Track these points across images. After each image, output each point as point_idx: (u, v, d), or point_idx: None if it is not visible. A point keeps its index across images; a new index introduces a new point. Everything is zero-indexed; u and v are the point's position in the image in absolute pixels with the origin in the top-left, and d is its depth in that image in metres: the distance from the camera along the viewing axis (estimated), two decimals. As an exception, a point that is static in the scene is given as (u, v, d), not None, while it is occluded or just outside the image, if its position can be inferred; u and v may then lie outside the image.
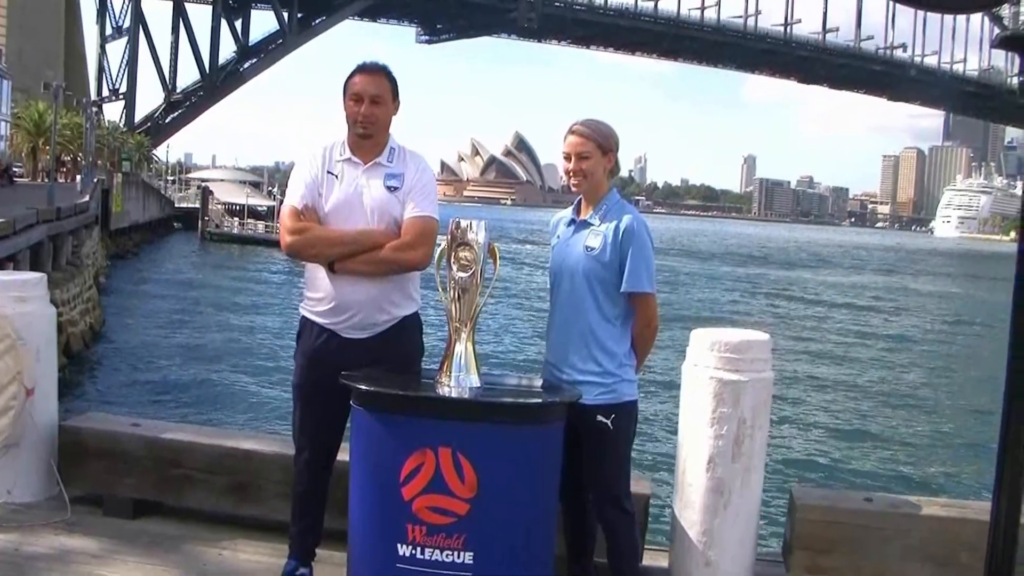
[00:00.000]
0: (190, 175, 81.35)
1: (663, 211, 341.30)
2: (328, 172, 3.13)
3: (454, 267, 2.86)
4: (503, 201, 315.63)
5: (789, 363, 22.10)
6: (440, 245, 2.94)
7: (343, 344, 3.09)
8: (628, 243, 3.00)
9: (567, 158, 3.13)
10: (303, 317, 3.21)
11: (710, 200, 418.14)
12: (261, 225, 56.33)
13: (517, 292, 33.31)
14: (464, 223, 2.86)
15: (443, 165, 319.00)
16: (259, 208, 60.73)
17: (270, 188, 75.68)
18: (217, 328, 24.40)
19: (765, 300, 39.06)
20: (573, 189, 3.16)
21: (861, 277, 59.12)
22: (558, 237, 3.24)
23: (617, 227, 3.02)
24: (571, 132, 3.12)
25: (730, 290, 42.67)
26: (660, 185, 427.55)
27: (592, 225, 3.09)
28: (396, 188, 3.09)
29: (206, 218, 57.52)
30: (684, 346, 3.35)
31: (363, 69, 3.12)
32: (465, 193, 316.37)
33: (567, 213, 3.25)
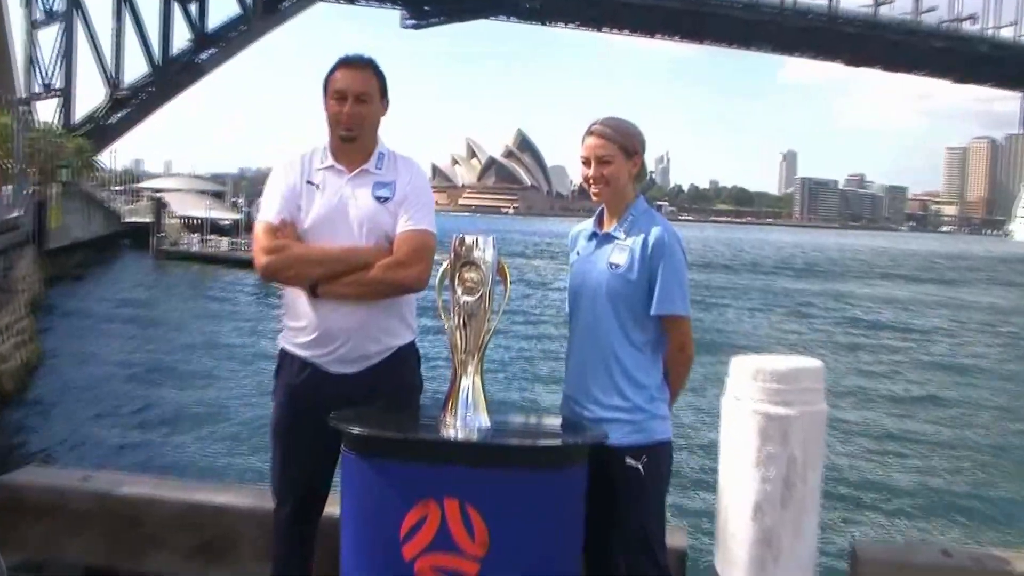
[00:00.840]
0: (141, 185, 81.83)
1: (690, 218, 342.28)
2: (308, 182, 3.18)
3: (458, 290, 2.90)
4: (505, 210, 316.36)
5: (843, 393, 22.05)
6: (442, 265, 2.98)
7: (329, 380, 3.12)
8: (658, 258, 3.04)
9: (586, 163, 3.17)
10: (282, 349, 3.25)
11: (744, 204, 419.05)
12: (225, 242, 56.53)
13: (528, 316, 33.32)
14: (469, 239, 2.90)
15: (435, 170, 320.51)
16: (222, 222, 60.97)
17: (235, 199, 76.15)
18: (177, 362, 24.44)
19: (811, 319, 39.02)
20: (594, 198, 3.20)
21: (923, 291, 59.06)
22: (578, 253, 3.27)
23: (645, 240, 3.06)
24: (590, 133, 3.16)
25: (771, 308, 42.62)
26: (685, 188, 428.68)
27: (616, 239, 3.13)
28: (387, 199, 3.14)
29: (160, 234, 57.70)
30: (722, 376, 3.38)
31: (346, 63, 3.18)
32: (461, 201, 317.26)
33: (587, 225, 3.29)
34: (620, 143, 3.13)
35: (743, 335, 32.13)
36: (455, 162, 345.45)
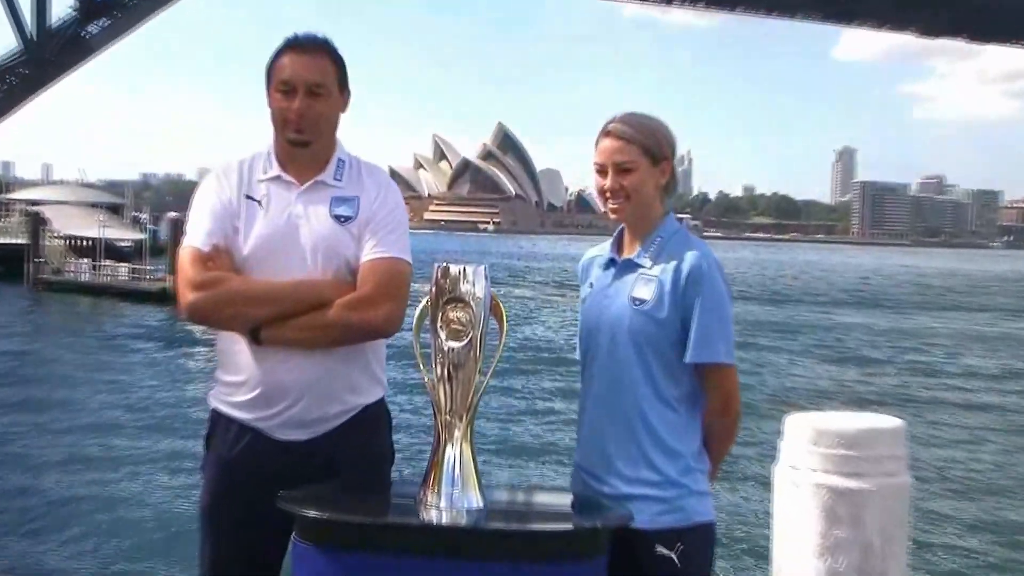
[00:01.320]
0: (12, 196, 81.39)
1: (718, 234, 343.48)
2: (247, 197, 3.23)
3: (442, 334, 2.93)
4: (483, 226, 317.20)
5: (929, 460, 22.00)
6: (420, 302, 3.01)
7: (276, 449, 3.15)
8: (695, 292, 3.09)
9: (601, 171, 3.22)
10: (214, 411, 3.28)
11: (787, 216, 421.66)
12: (125, 269, 56.33)
13: (524, 366, 33.22)
14: (455, 269, 2.94)
15: (392, 175, 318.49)
16: (121, 244, 60.89)
17: (137, 213, 75.92)
18: (67, 425, 24.18)
19: (878, 366, 39.03)
20: (611, 216, 3.25)
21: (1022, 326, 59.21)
22: (591, 285, 3.32)
23: (678, 269, 3.11)
24: (606, 134, 3.22)
25: (826, 350, 42.69)
26: (713, 196, 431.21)
27: (641, 267, 3.18)
28: (348, 218, 3.19)
29: (39, 259, 57.47)
30: (772, 438, 3.41)
31: (294, 46, 3.23)
32: (427, 215, 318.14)
33: (603, 250, 3.34)
34: (644, 146, 3.18)
35: (793, 385, 32.12)
36: (419, 165, 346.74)
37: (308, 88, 3.18)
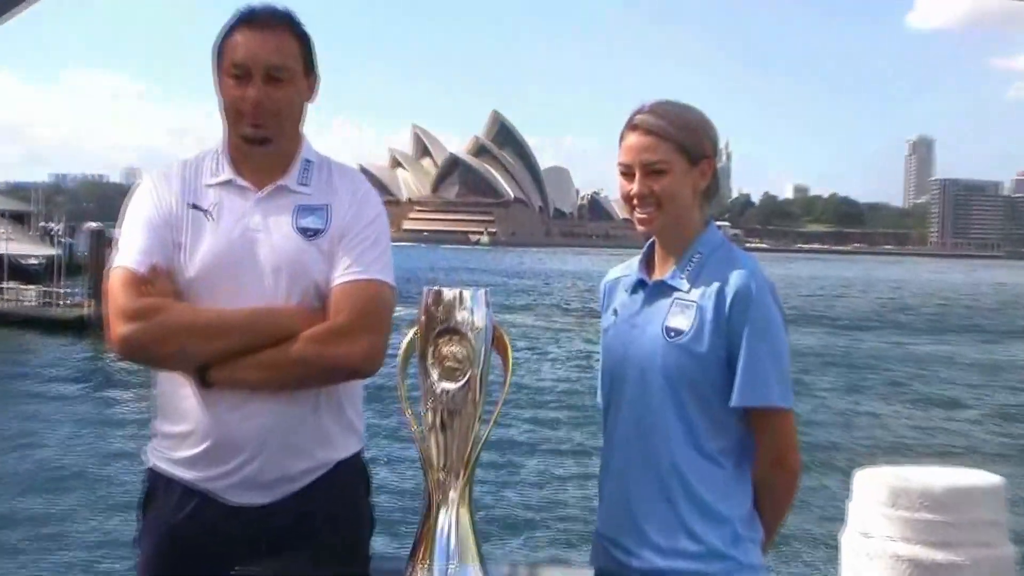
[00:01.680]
0: None
1: (764, 244, 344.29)
2: (192, 206, 3.23)
3: (434, 372, 2.94)
4: (475, 237, 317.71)
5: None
6: (407, 334, 3.02)
7: (228, 515, 3.15)
8: (742, 320, 3.10)
9: (626, 173, 3.23)
10: (151, 469, 3.28)
11: (850, 223, 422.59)
12: (33, 291, 56.40)
13: (532, 411, 33.12)
14: (449, 294, 2.95)
15: (365, 176, 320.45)
16: (28, 261, 60.89)
17: (48, 224, 75.89)
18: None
19: (967, 409, 38.95)
20: (640, 227, 3.25)
21: None
22: (615, 312, 3.33)
23: (721, 293, 3.12)
24: (632, 127, 3.23)
25: (901, 388, 42.64)
26: (756, 199, 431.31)
27: (677, 290, 3.19)
28: (317, 231, 3.20)
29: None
30: (839, 499, 3.42)
31: (249, 20, 3.23)
32: (407, 225, 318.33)
33: (629, 269, 3.35)
34: (680, 142, 3.18)
35: (861, 432, 32.04)
36: (396, 163, 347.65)
37: (267, 72, 3.18)
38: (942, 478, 3.40)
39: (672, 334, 3.13)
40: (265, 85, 3.17)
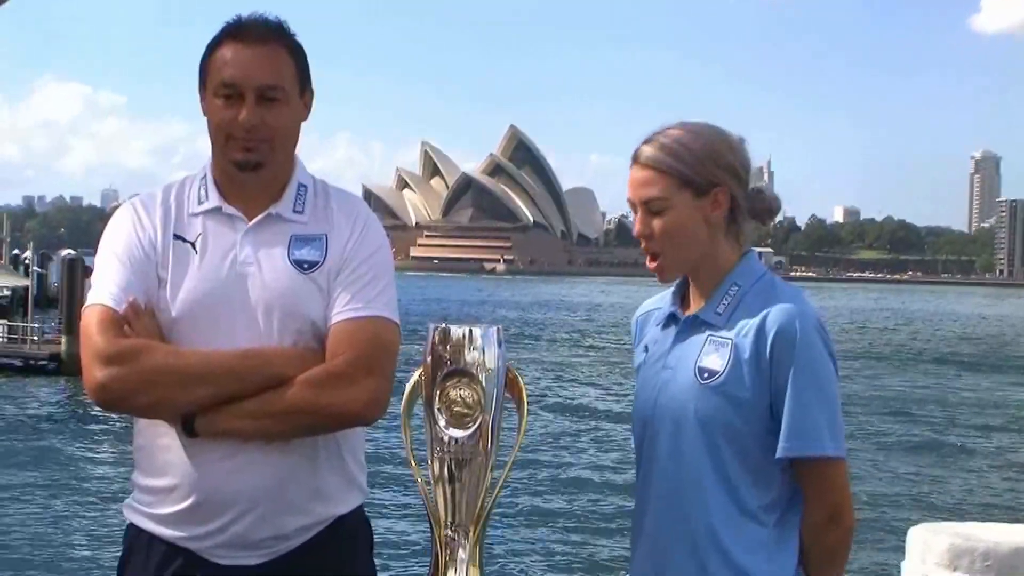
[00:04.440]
0: None
1: (811, 273, 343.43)
2: (176, 237, 3.25)
3: (441, 419, 2.95)
4: (490, 265, 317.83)
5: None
6: (412, 376, 3.02)
7: (216, 576, 3.16)
8: (787, 361, 3.09)
9: (633, 208, 3.25)
10: (131, 526, 3.29)
11: (907, 249, 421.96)
12: (0, 326, 56.45)
13: (552, 457, 33.03)
14: (457, 332, 2.96)
15: (368, 197, 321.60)
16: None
17: (18, 252, 76.02)
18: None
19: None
20: (651, 269, 3.26)
21: None
22: (646, 348, 3.34)
23: (761, 331, 3.12)
24: (634, 160, 3.25)
25: (968, 433, 42.47)
26: (802, 223, 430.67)
27: (711, 326, 3.19)
28: (313, 264, 3.22)
29: None
30: (893, 558, 3.42)
31: (238, 35, 3.25)
32: (415, 252, 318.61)
33: (662, 301, 3.37)
34: (681, 173, 3.19)
35: (915, 486, 31.90)
36: (403, 184, 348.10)
37: (259, 92, 3.19)
38: (1009, 536, 3.37)
39: (705, 375, 3.13)
40: (257, 106, 3.18)
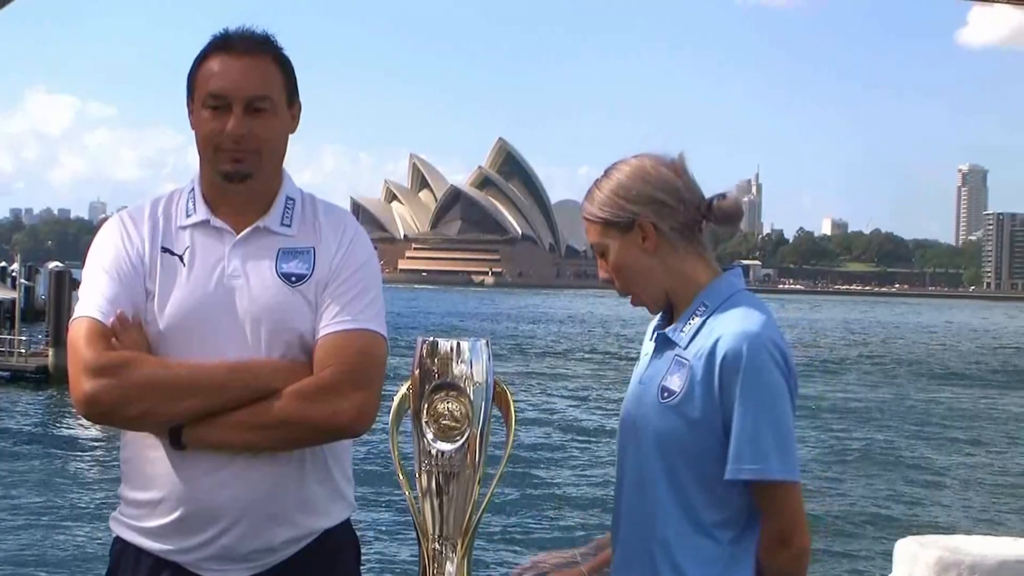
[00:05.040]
0: None
1: (800, 286, 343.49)
2: (164, 250, 3.26)
3: (428, 432, 2.95)
4: (479, 278, 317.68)
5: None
6: (399, 389, 3.02)
7: (202, 591, 3.15)
8: (733, 385, 3.11)
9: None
10: (118, 539, 3.29)
11: (895, 262, 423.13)
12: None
13: (535, 469, 32.99)
14: (445, 346, 2.96)
15: (356, 210, 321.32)
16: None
17: (8, 267, 75.91)
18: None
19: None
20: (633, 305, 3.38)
21: None
22: (640, 363, 3.40)
23: (712, 352, 3.14)
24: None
25: (955, 446, 42.48)
26: (790, 236, 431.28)
27: (676, 345, 3.24)
28: (301, 277, 3.22)
29: None
30: (877, 571, 3.42)
31: (227, 47, 3.26)
32: (403, 265, 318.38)
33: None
34: (603, 219, 3.29)
35: (902, 497, 31.92)
36: (392, 197, 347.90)
37: (248, 103, 3.19)
38: (995, 549, 3.37)
39: (665, 395, 3.18)
40: (245, 117, 3.19)
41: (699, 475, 3.14)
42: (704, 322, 3.19)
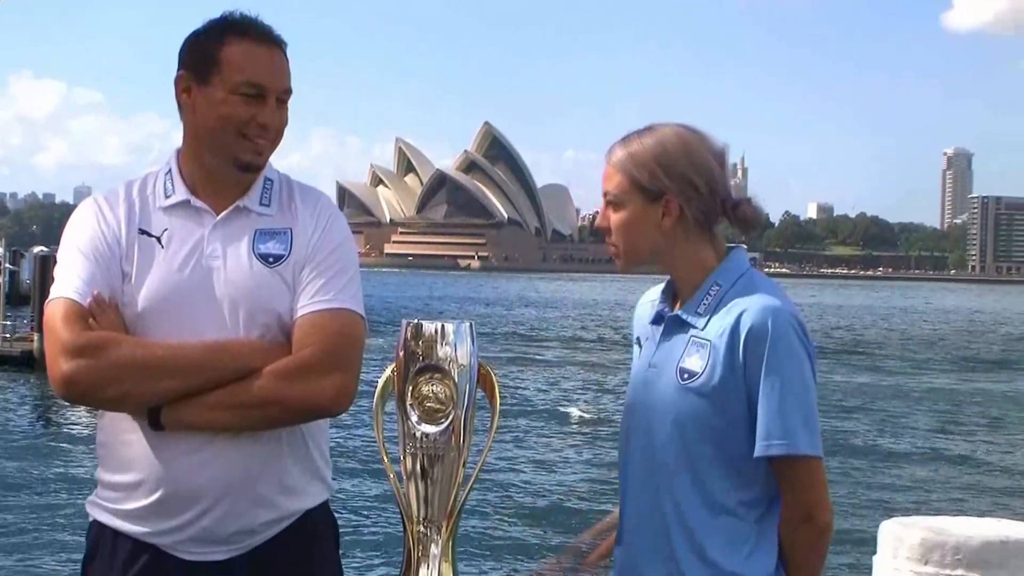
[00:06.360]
0: None
1: (786, 270, 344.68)
2: (141, 231, 3.25)
3: (413, 414, 2.94)
4: (464, 262, 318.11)
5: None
6: (384, 371, 3.01)
7: (183, 572, 3.16)
8: (758, 361, 3.10)
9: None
10: (95, 523, 3.29)
11: (881, 246, 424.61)
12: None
13: (521, 451, 33.08)
14: (430, 327, 2.95)
15: (343, 194, 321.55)
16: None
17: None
18: None
19: (1010, 450, 38.97)
20: (611, 255, 3.33)
21: None
22: (639, 343, 3.37)
23: (735, 330, 3.12)
24: (606, 157, 3.31)
25: (939, 429, 42.65)
26: (776, 220, 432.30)
27: (693, 327, 3.20)
28: (278, 258, 3.23)
29: None
30: (864, 552, 3.41)
31: (251, 34, 3.24)
32: (389, 249, 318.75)
33: (656, 293, 3.38)
34: (633, 177, 3.21)
35: (887, 478, 32.06)
36: (377, 181, 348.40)
37: (278, 95, 3.25)
38: (979, 530, 3.37)
39: (686, 376, 3.16)
40: (278, 109, 3.25)
41: (722, 455, 3.14)
42: (720, 302, 3.18)
